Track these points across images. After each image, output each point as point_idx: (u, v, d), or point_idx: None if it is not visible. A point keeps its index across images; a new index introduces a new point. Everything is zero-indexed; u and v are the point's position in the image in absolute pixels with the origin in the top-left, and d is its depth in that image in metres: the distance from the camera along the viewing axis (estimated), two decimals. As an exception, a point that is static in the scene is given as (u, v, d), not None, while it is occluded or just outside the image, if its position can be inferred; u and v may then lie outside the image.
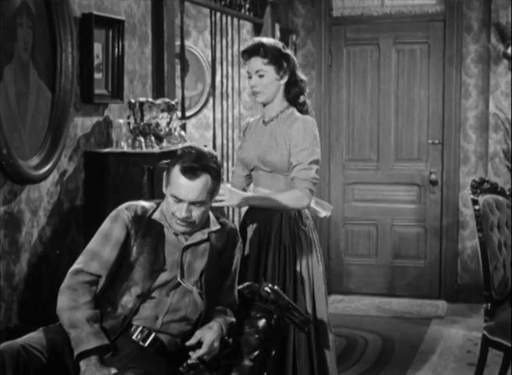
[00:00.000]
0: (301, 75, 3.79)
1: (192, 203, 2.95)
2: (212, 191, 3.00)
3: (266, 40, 3.74)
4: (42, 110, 3.57)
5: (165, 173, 3.05)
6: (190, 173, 2.92)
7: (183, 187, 2.93)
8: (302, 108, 3.79)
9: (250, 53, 3.68)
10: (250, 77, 3.70)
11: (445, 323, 6.15)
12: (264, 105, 3.76)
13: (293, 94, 3.75)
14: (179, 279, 3.02)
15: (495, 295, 4.20)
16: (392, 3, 6.83)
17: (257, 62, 3.66)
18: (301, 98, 3.79)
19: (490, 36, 6.43)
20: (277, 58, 3.66)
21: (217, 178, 3.01)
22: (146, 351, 2.94)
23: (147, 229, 3.04)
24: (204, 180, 2.94)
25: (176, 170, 2.95)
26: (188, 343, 2.99)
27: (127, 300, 2.96)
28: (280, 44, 3.75)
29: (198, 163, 2.93)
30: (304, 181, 3.62)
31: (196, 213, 2.99)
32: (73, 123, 3.81)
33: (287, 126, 3.67)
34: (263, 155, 3.69)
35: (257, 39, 3.76)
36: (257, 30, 6.40)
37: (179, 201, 2.95)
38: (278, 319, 3.27)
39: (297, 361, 3.67)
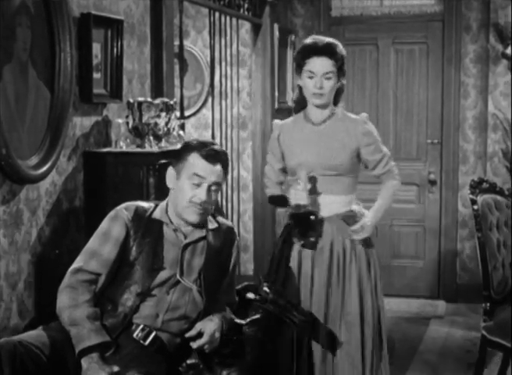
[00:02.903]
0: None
1: (212, 185, 3.04)
2: (223, 181, 3.14)
3: (334, 40, 3.58)
4: (41, 110, 3.56)
5: (171, 167, 3.09)
6: (211, 157, 3.05)
7: (205, 169, 3.04)
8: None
9: (319, 52, 3.50)
10: (310, 77, 3.51)
11: (444, 323, 6.15)
12: (315, 106, 3.59)
13: (339, 95, 3.66)
14: (178, 277, 3.03)
15: (494, 295, 4.20)
16: (390, 3, 6.83)
17: (327, 64, 3.49)
18: (340, 102, 3.72)
19: (489, 36, 6.43)
20: (342, 62, 3.55)
21: (226, 168, 3.14)
22: (146, 350, 2.95)
23: (146, 228, 3.06)
24: (220, 166, 3.08)
25: (196, 157, 3.05)
26: (188, 334, 3.02)
27: (127, 298, 2.98)
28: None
29: (218, 150, 3.10)
30: (391, 172, 3.65)
31: (213, 197, 3.09)
32: (72, 122, 3.80)
33: (347, 127, 3.57)
34: (329, 158, 3.53)
35: (325, 38, 3.57)
36: (256, 29, 6.40)
37: (199, 183, 3.03)
38: (277, 319, 3.27)
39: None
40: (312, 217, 3.45)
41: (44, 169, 3.53)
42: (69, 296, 2.91)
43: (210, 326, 3.02)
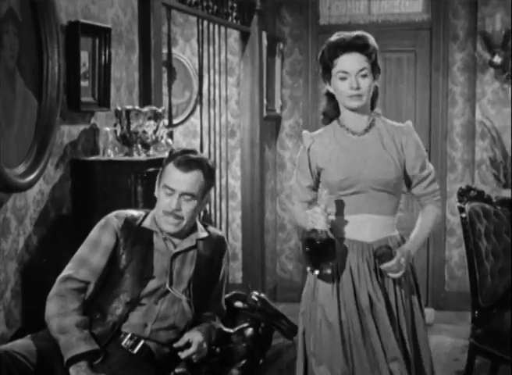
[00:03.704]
0: None
1: (183, 195, 2.98)
2: (204, 190, 3.06)
3: (363, 32, 3.10)
4: (28, 118, 3.55)
5: (158, 176, 3.09)
6: (183, 165, 3.00)
7: (175, 178, 3.01)
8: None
9: (349, 48, 3.04)
10: (343, 78, 3.03)
11: (432, 330, 6.14)
12: (353, 112, 3.12)
13: (374, 99, 3.20)
14: (167, 287, 3.03)
15: (482, 303, 4.20)
16: (378, 12, 6.85)
17: (361, 60, 3.03)
18: (375, 108, 3.22)
19: (476, 44, 6.46)
20: (376, 56, 3.09)
21: (209, 178, 3.08)
22: (135, 359, 2.94)
23: (136, 237, 3.06)
24: (196, 174, 3.02)
25: (171, 165, 3.03)
26: (176, 344, 3.01)
27: (116, 307, 2.97)
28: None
29: (192, 158, 3.03)
30: (435, 195, 3.23)
31: (185, 208, 3.03)
32: (60, 130, 3.79)
33: (393, 136, 3.13)
34: (380, 172, 3.07)
35: (352, 32, 3.09)
36: (245, 38, 6.40)
37: (171, 193, 3.00)
38: (265, 328, 3.27)
39: None
40: (330, 247, 2.97)
41: (32, 177, 3.51)
42: (58, 304, 2.91)
43: (198, 336, 3.01)
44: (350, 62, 3.02)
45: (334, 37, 3.08)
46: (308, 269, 3.03)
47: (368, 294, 3.04)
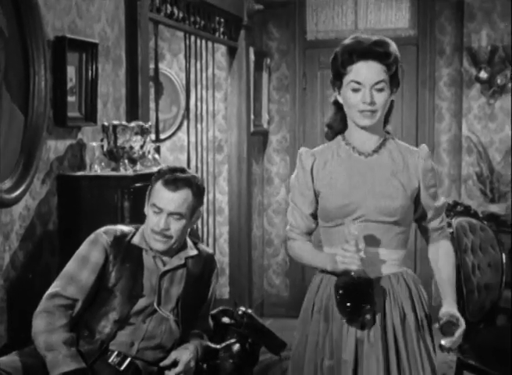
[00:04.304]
0: None
1: (171, 214, 2.95)
2: (193, 209, 3.03)
3: (384, 38, 2.65)
4: (14, 133, 3.54)
5: (147, 193, 3.07)
6: (171, 184, 2.97)
7: (163, 197, 2.97)
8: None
9: (367, 55, 2.58)
10: (356, 90, 2.61)
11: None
12: (361, 129, 2.69)
13: (388, 119, 2.78)
14: (155, 306, 3.00)
15: (469, 318, 4.20)
16: (365, 27, 6.87)
17: (379, 70, 2.58)
18: (388, 126, 2.80)
19: (462, 60, 6.49)
20: (397, 67, 2.64)
21: (198, 196, 3.05)
22: (122, 376, 2.92)
23: (126, 253, 3.03)
24: (185, 193, 2.99)
25: (159, 184, 2.99)
26: (163, 363, 2.99)
27: (104, 325, 2.95)
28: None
29: (180, 177, 2.99)
30: (445, 230, 2.91)
31: (174, 227, 2.99)
32: (46, 146, 3.78)
33: (406, 159, 2.71)
34: (388, 200, 2.65)
35: (372, 36, 2.65)
36: (232, 53, 6.41)
37: (159, 212, 2.97)
38: (252, 344, 3.25)
39: None
40: (370, 289, 2.54)
41: (18, 192, 3.49)
42: (45, 320, 2.89)
43: (185, 355, 2.99)
44: (365, 72, 2.58)
45: (349, 40, 2.65)
46: (343, 316, 2.56)
47: (356, 339, 2.64)
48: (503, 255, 4.41)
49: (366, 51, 2.57)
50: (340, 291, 2.52)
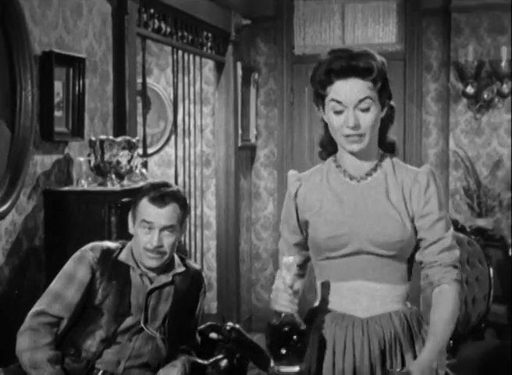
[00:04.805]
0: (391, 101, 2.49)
1: (163, 229, 2.94)
2: (181, 221, 3.01)
3: (366, 49, 2.34)
4: (1, 148, 3.53)
5: (130, 212, 3.04)
6: (159, 200, 2.94)
7: (152, 214, 2.94)
8: (391, 150, 2.59)
9: (346, 72, 2.28)
10: (338, 112, 2.32)
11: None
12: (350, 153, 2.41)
13: (387, 131, 2.56)
14: (142, 324, 2.97)
15: (457, 332, 4.20)
16: (352, 42, 6.89)
17: (362, 87, 2.29)
18: (389, 136, 2.58)
19: (449, 75, 6.52)
20: (384, 80, 2.35)
21: (184, 208, 3.03)
22: (108, 395, 2.90)
23: (113, 270, 2.99)
24: (172, 207, 2.96)
25: (144, 202, 2.96)
26: None
27: (91, 344, 2.92)
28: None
29: (166, 191, 2.97)
30: (450, 269, 2.38)
31: (167, 242, 2.97)
32: (33, 160, 3.77)
33: (403, 182, 2.42)
34: (383, 231, 2.33)
35: (352, 48, 2.33)
36: (220, 68, 6.42)
37: (150, 228, 2.94)
38: (240, 359, 3.24)
39: None
40: (297, 336, 2.24)
41: (4, 208, 3.48)
42: (29, 338, 2.86)
43: (173, 373, 2.96)
44: (346, 91, 2.29)
45: (327, 56, 2.34)
46: (271, 364, 2.26)
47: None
48: (491, 269, 4.41)
49: (345, 69, 2.27)
50: (267, 331, 2.26)
